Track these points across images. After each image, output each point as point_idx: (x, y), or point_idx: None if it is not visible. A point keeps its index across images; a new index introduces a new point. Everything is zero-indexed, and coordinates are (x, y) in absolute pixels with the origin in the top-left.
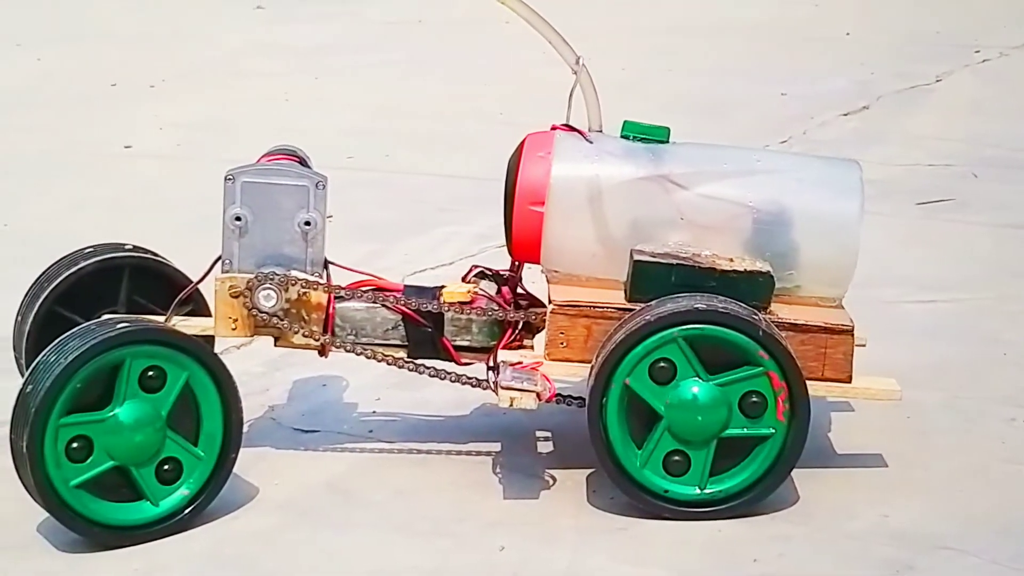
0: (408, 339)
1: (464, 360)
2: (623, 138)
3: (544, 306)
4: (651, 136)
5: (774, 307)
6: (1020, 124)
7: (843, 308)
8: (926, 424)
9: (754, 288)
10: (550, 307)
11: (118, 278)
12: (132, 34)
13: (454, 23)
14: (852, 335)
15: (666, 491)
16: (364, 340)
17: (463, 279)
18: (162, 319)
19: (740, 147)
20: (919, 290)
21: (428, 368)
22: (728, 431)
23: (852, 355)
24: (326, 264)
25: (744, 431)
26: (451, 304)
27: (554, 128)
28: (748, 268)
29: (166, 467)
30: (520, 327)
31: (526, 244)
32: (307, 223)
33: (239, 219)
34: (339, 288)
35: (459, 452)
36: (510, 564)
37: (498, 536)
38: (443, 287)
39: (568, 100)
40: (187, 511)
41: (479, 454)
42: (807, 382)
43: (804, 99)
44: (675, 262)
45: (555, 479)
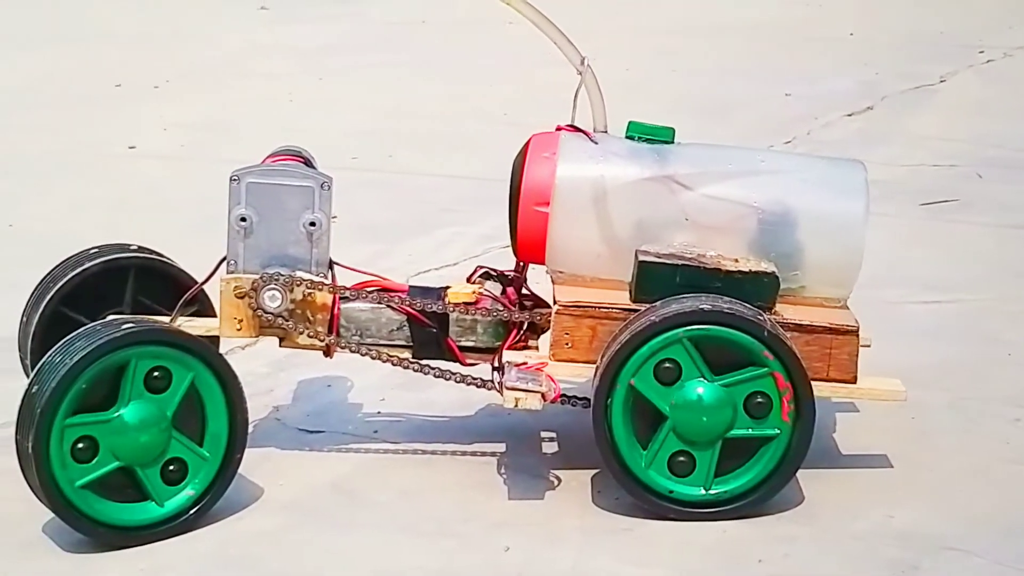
0: (413, 340)
1: (469, 361)
2: (628, 139)
3: (549, 307)
4: (656, 137)
5: (779, 308)
6: None
7: (848, 309)
8: (930, 425)
9: (759, 289)
10: (555, 308)
11: (123, 279)
12: (134, 34)
13: (458, 23)
14: (857, 336)
15: (671, 492)
16: (369, 341)
17: (468, 280)
18: (167, 320)
19: (745, 148)
20: (923, 291)
21: (433, 369)
22: (733, 432)
23: (857, 356)
24: (331, 265)
25: (749, 432)
26: (456, 305)
27: (559, 129)
28: (753, 269)
29: (171, 468)
30: (525, 328)
31: (531, 245)
32: (312, 224)
33: (244, 220)
34: (344, 289)
35: (464, 453)
36: (515, 564)
37: (503, 536)
38: (448, 288)
39: (573, 100)
40: (192, 511)
41: (484, 455)
42: (812, 383)
43: (808, 99)
44: (680, 263)
45: (560, 480)
